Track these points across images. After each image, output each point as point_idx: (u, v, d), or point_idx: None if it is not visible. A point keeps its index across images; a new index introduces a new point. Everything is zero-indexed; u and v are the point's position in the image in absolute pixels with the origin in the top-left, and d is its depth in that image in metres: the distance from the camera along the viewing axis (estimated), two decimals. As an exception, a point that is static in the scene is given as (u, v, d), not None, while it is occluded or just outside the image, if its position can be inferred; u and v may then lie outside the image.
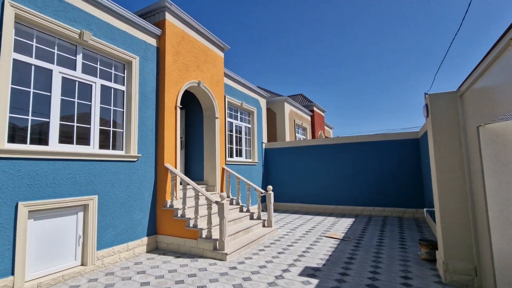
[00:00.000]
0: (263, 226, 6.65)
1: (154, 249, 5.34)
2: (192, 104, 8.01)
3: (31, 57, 3.84)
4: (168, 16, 5.86)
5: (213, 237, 4.95)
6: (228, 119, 8.53)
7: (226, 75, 8.35)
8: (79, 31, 4.28)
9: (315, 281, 3.70)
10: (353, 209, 8.91)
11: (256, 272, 4.06)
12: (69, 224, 4.08)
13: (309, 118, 16.07)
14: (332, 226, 7.16)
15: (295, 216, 8.73)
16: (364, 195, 8.82)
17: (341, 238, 5.89)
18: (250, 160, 9.53)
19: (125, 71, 5.20)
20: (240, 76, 8.97)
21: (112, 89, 4.98)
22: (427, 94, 3.97)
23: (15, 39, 3.66)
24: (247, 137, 9.74)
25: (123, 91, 5.15)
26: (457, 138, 3.54)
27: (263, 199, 10.23)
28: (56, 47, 4.15)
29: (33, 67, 3.85)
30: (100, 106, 4.74)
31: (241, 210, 7.00)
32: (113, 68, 5.01)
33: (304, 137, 15.54)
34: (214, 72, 7.37)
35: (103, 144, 4.78)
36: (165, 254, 5.00)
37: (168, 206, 5.41)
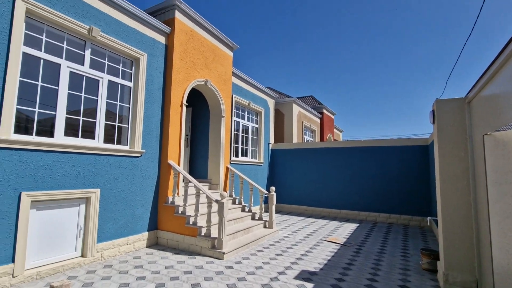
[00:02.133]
0: (264, 227, 6.62)
1: (154, 244, 5.41)
2: (199, 102, 8.06)
3: (40, 51, 3.94)
4: (178, 14, 5.92)
5: (212, 236, 4.96)
6: (235, 118, 8.54)
7: (234, 74, 8.36)
8: (88, 27, 4.37)
9: (310, 285, 3.65)
10: (358, 214, 8.76)
11: (252, 273, 4.04)
12: (70, 215, 4.18)
13: (318, 120, 15.92)
14: (334, 230, 7.06)
15: (298, 218, 8.66)
16: (370, 201, 8.66)
17: (342, 243, 5.80)
18: (256, 160, 9.51)
19: (133, 67, 5.28)
20: (249, 75, 8.96)
21: (119, 85, 5.07)
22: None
23: (25, 33, 3.77)
24: (253, 137, 9.73)
25: (130, 87, 5.23)
26: (463, 146, 3.42)
27: (266, 200, 10.19)
28: (65, 42, 4.25)
29: (42, 60, 3.95)
30: (107, 101, 4.82)
31: (243, 210, 6.99)
32: (121, 64, 5.10)
33: (312, 139, 15.40)
34: (222, 71, 7.39)
35: (108, 139, 4.87)
36: (164, 250, 5.05)
37: (169, 202, 5.46)
